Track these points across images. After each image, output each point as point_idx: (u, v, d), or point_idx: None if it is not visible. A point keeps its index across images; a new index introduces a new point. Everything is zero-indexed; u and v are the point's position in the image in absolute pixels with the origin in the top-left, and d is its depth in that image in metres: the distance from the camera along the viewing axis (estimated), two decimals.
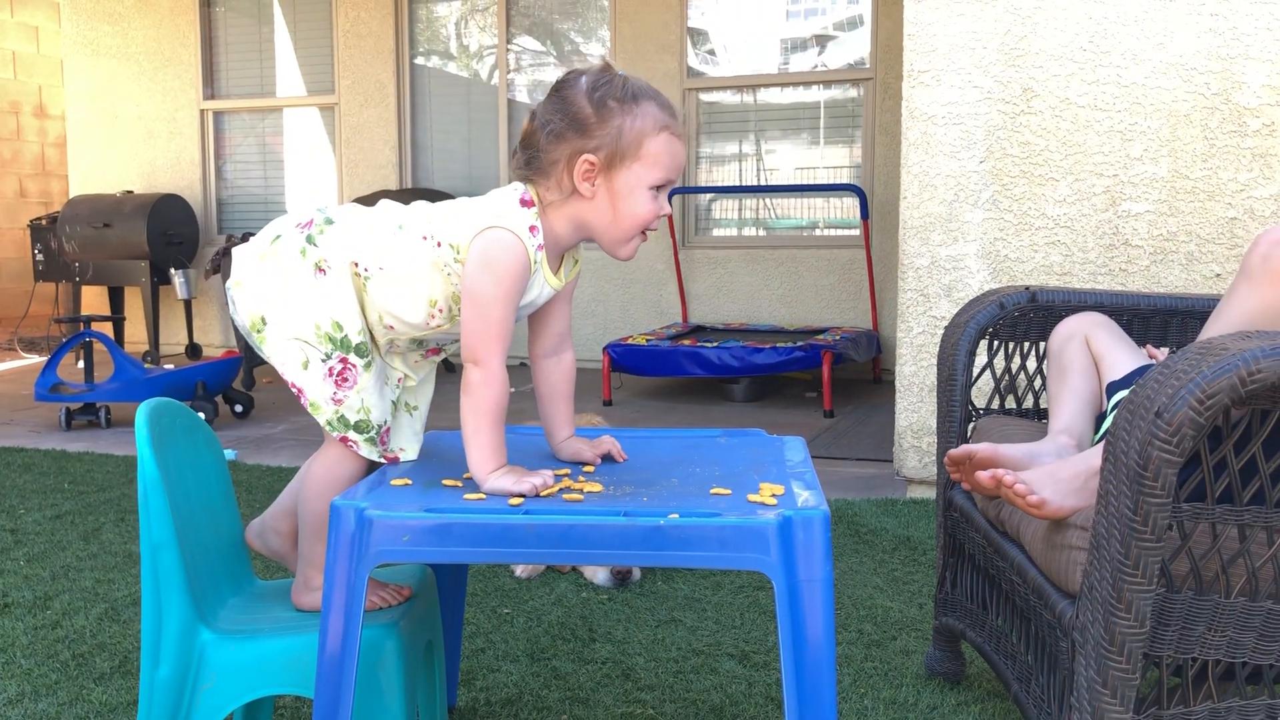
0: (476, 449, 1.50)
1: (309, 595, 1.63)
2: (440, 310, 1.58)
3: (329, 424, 1.57)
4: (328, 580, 1.38)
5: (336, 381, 1.57)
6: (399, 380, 1.67)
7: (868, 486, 3.75)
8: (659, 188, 1.55)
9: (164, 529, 1.51)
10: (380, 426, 1.60)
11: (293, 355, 1.56)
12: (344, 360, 1.57)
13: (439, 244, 1.55)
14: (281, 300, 1.57)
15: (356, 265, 1.57)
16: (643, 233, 1.58)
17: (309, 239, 1.58)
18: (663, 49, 6.92)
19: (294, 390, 1.58)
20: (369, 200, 7.66)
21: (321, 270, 1.57)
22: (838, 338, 5.60)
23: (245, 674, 1.55)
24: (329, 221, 1.60)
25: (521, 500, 1.41)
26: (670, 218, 6.66)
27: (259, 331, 1.58)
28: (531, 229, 1.54)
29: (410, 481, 1.53)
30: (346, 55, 7.60)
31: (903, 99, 3.50)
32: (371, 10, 7.50)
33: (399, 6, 7.49)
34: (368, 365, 1.59)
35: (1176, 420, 1.24)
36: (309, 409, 1.58)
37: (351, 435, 1.58)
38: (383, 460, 1.62)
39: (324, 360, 1.56)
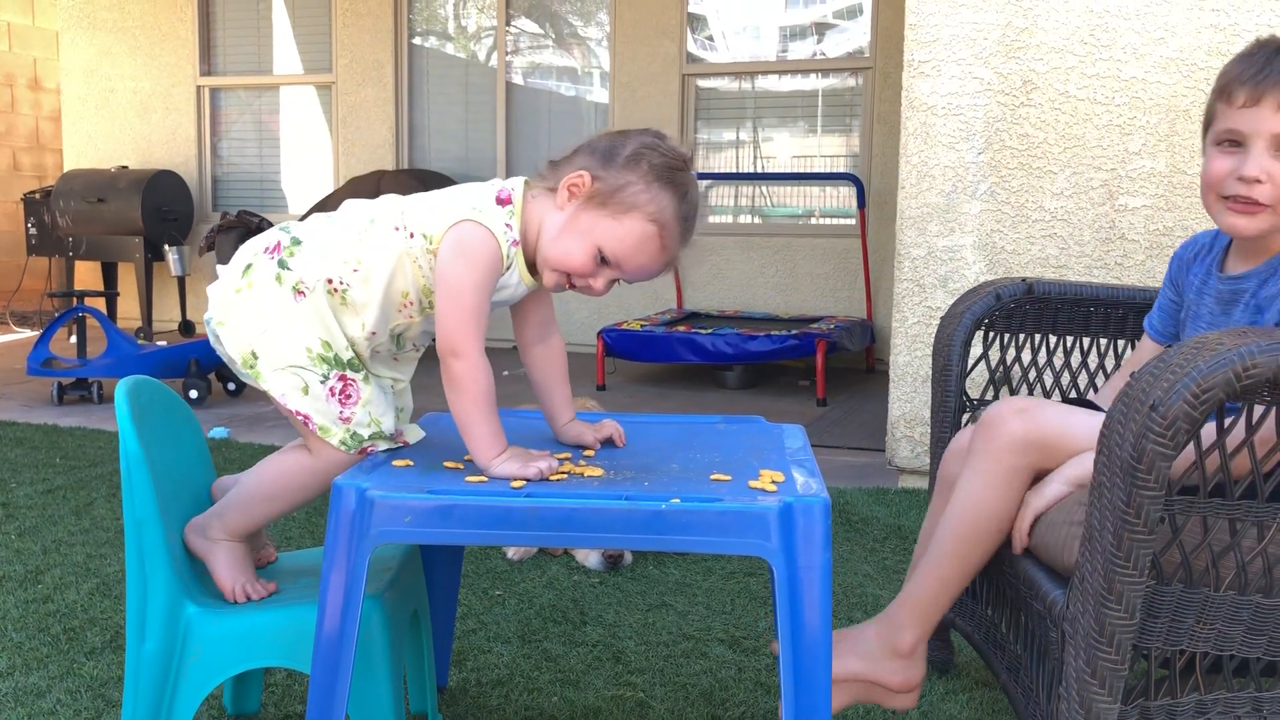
0: (477, 439, 1.49)
1: (199, 540, 1.62)
2: (410, 302, 1.58)
3: (343, 444, 1.56)
4: (327, 559, 1.38)
5: (340, 400, 1.55)
6: (390, 385, 1.67)
7: (859, 475, 3.76)
8: (607, 263, 1.54)
9: (147, 504, 1.52)
10: (392, 434, 1.61)
11: (291, 384, 1.54)
12: (343, 378, 1.56)
13: (411, 235, 1.54)
14: (267, 331, 1.55)
15: (332, 281, 1.55)
16: (569, 281, 1.56)
17: (280, 264, 1.56)
18: (662, 34, 6.90)
19: (299, 419, 1.55)
20: (365, 181, 7.54)
21: (300, 293, 1.55)
22: (832, 326, 5.60)
23: (230, 647, 1.56)
24: (296, 242, 1.58)
25: (524, 483, 1.42)
26: None
27: (252, 368, 1.56)
28: (506, 225, 1.54)
29: (412, 463, 1.53)
30: (345, 34, 7.56)
31: (903, 89, 3.50)
32: None
33: None
34: (365, 378, 1.58)
35: (1171, 414, 1.25)
36: (318, 434, 1.55)
37: (368, 445, 1.58)
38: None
39: (323, 381, 1.55)
